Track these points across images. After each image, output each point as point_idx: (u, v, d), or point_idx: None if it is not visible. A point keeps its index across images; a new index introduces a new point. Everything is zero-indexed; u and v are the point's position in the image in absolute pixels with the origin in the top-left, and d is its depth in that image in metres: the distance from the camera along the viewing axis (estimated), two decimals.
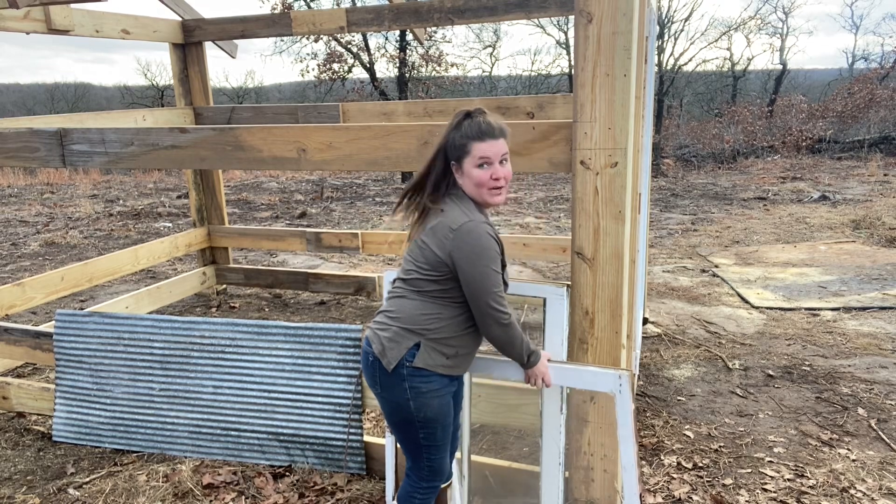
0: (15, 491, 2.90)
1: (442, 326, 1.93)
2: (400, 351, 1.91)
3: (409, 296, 1.96)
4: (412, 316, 1.93)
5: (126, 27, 4.69)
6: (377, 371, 1.95)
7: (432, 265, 1.91)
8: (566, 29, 22.49)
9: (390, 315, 1.97)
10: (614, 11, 1.99)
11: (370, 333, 2.00)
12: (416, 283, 1.94)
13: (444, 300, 1.93)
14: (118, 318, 3.17)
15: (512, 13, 4.28)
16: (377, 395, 2.01)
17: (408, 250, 2.04)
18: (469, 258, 1.85)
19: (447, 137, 1.95)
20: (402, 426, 1.99)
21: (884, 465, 2.91)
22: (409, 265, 1.99)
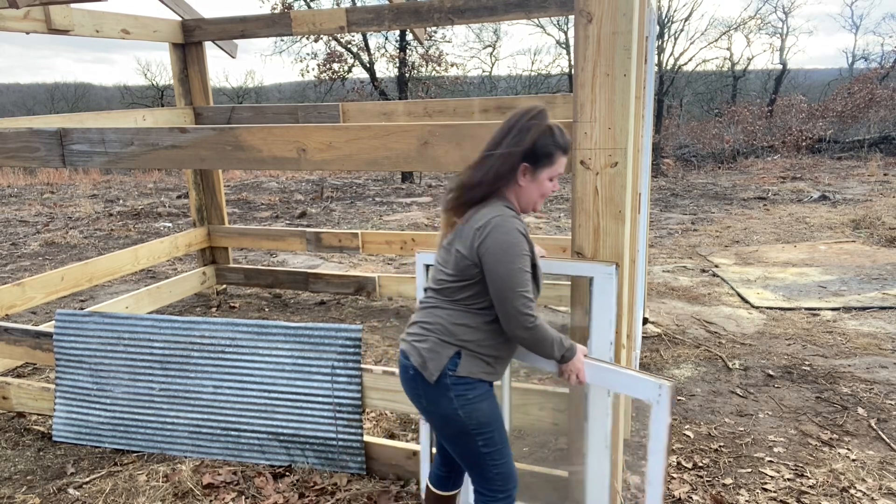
0: (15, 491, 2.90)
1: (479, 336, 1.86)
2: (441, 361, 1.83)
3: (441, 305, 1.89)
4: (447, 326, 1.86)
5: (126, 27, 4.69)
6: (419, 384, 1.88)
7: (461, 269, 1.83)
8: (566, 29, 22.50)
9: (425, 326, 1.90)
10: (614, 11, 1.99)
11: (406, 346, 1.92)
12: (447, 292, 1.88)
13: (476, 308, 1.86)
14: (118, 318, 3.17)
15: (512, 13, 4.28)
16: (423, 409, 1.94)
17: (436, 257, 1.97)
18: (496, 254, 1.76)
19: (535, 139, 1.81)
20: (458, 438, 1.89)
21: (884, 464, 2.91)
22: (438, 273, 1.92)
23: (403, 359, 1.93)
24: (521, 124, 1.82)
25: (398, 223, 9.03)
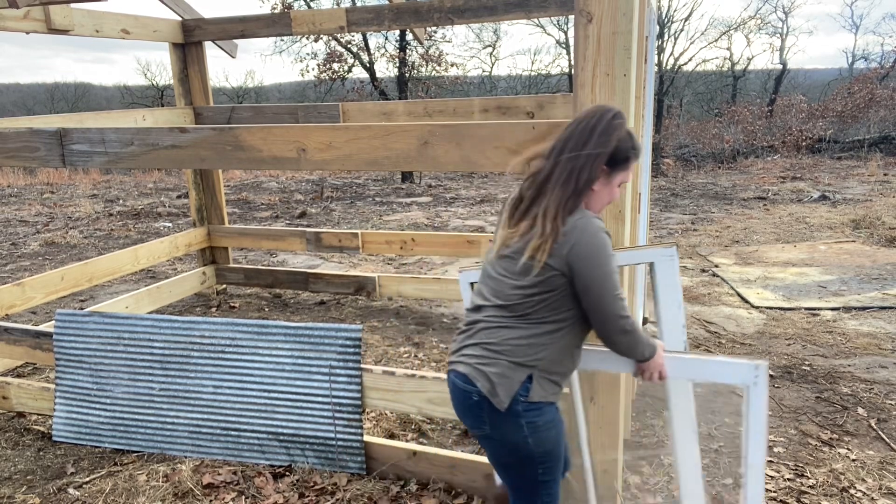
0: (15, 491, 2.90)
1: (553, 354, 1.75)
2: (513, 387, 1.71)
3: (511, 324, 1.74)
4: (519, 347, 1.73)
5: (126, 27, 4.69)
6: (485, 411, 1.74)
7: (542, 280, 1.69)
8: (566, 28, 22.50)
9: (491, 347, 1.75)
10: (614, 11, 1.99)
11: (469, 370, 1.77)
12: (520, 308, 1.73)
13: (554, 322, 1.74)
14: (118, 317, 3.17)
15: (512, 13, 4.28)
16: (482, 436, 1.81)
17: (494, 270, 1.81)
18: (589, 259, 1.66)
19: (618, 142, 1.73)
20: (518, 466, 1.80)
21: (884, 464, 2.91)
22: (504, 287, 1.75)
23: (463, 383, 1.78)
24: (603, 125, 1.72)
25: (398, 223, 9.03)
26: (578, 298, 1.71)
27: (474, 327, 1.82)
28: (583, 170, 1.70)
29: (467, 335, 1.84)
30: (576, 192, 1.70)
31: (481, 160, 2.32)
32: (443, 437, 3.28)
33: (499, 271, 1.79)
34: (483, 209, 9.91)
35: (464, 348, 1.82)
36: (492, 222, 8.86)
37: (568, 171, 1.70)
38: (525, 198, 1.77)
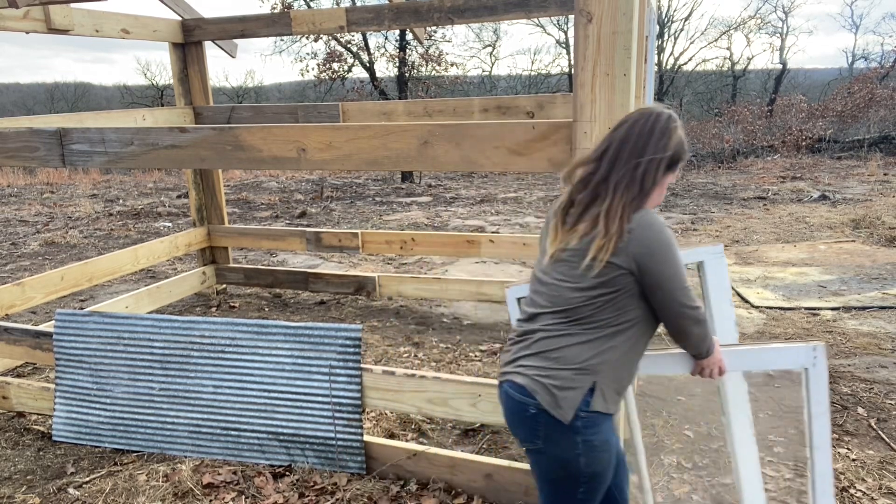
0: (15, 491, 2.90)
1: (617, 359, 1.69)
2: (577, 399, 1.64)
3: (572, 331, 1.68)
4: (581, 354, 1.67)
5: (126, 27, 4.69)
6: (541, 425, 1.67)
7: (607, 281, 1.64)
8: (566, 28, 22.51)
9: (552, 356, 1.68)
10: (614, 11, 1.99)
11: (527, 381, 1.69)
12: (581, 312, 1.67)
13: (618, 325, 1.69)
14: (118, 317, 3.17)
15: (512, 13, 4.28)
16: (534, 450, 1.74)
17: (549, 276, 1.75)
18: (657, 254, 1.63)
19: (676, 143, 1.71)
20: (562, 483, 1.74)
21: (884, 464, 2.91)
22: (563, 292, 1.70)
23: (520, 395, 1.70)
24: (661, 127, 1.70)
25: (398, 223, 9.03)
26: (644, 297, 1.69)
27: (530, 337, 1.76)
28: (647, 173, 1.68)
29: (523, 346, 1.77)
30: (641, 194, 1.68)
31: (481, 160, 2.32)
32: (443, 437, 3.28)
33: (555, 277, 1.73)
34: (483, 209, 9.91)
35: (519, 359, 1.75)
36: (492, 222, 8.86)
37: (630, 174, 1.67)
38: (577, 202, 1.73)
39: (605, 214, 1.65)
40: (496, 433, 3.28)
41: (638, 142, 1.69)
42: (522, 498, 2.64)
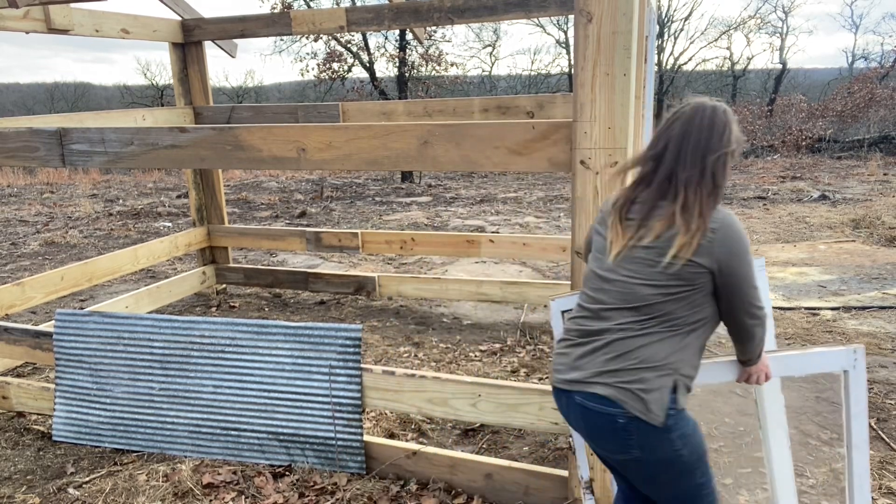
0: (15, 490, 2.90)
1: (690, 355, 1.68)
2: (664, 398, 1.61)
3: (648, 329, 1.65)
4: (660, 353, 1.64)
5: (126, 27, 4.69)
6: (634, 433, 1.62)
7: (686, 278, 1.62)
8: (566, 28, 22.51)
9: (632, 358, 1.64)
10: (614, 11, 1.99)
11: (610, 391, 1.63)
12: (658, 309, 1.65)
13: (692, 323, 1.67)
14: (118, 317, 3.17)
15: (512, 12, 4.28)
16: (628, 460, 1.68)
17: (617, 274, 1.71)
18: (738, 255, 1.62)
19: (738, 134, 1.70)
20: (675, 479, 1.70)
21: (884, 464, 2.91)
22: (637, 290, 1.66)
23: (603, 406, 1.64)
24: (721, 120, 1.69)
25: (398, 223, 9.03)
26: (716, 295, 1.68)
27: (600, 338, 1.70)
28: (716, 169, 1.66)
29: (590, 348, 1.71)
30: (715, 190, 1.66)
31: (481, 160, 2.32)
32: (443, 436, 3.28)
33: (624, 274, 1.69)
34: (483, 209, 9.91)
35: (590, 364, 1.69)
36: (492, 222, 8.86)
37: (699, 171, 1.65)
38: (639, 199, 1.71)
39: (682, 212, 1.63)
40: (496, 433, 3.28)
41: (700, 137, 1.67)
42: (522, 498, 2.64)
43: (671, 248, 1.62)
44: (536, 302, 5.04)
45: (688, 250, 1.60)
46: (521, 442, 3.20)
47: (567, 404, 1.75)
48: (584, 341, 1.73)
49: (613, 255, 1.71)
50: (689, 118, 1.69)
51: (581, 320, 1.78)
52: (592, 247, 1.86)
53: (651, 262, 1.65)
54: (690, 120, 1.69)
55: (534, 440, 3.21)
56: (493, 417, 2.67)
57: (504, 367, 4.06)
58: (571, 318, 1.85)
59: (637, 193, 1.73)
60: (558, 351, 1.82)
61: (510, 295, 5.01)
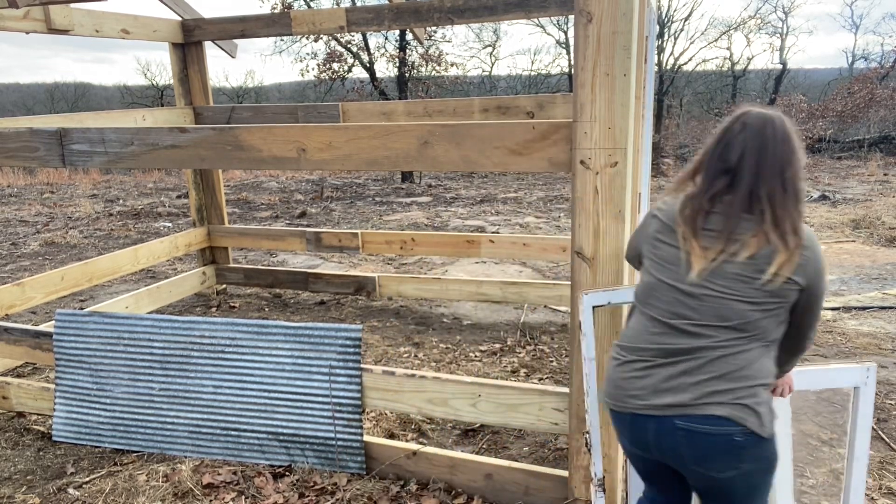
0: (15, 491, 2.90)
1: (773, 367, 1.70)
2: (770, 410, 1.64)
3: (748, 345, 1.63)
4: (765, 368, 1.64)
5: (126, 27, 4.69)
6: (748, 448, 1.61)
7: (781, 297, 1.62)
8: (566, 28, 22.50)
9: (741, 376, 1.61)
10: (614, 11, 1.99)
11: (727, 410, 1.59)
12: (755, 326, 1.63)
13: (777, 337, 1.69)
14: (118, 317, 3.17)
15: (512, 13, 4.28)
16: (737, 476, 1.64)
17: (706, 290, 1.65)
18: (822, 273, 1.66)
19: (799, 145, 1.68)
20: (768, 483, 1.71)
21: (884, 464, 2.91)
22: (733, 305, 1.62)
23: (722, 426, 1.60)
24: (790, 130, 1.67)
25: (398, 223, 9.03)
26: (793, 310, 1.69)
27: (693, 357, 1.65)
28: (796, 181, 1.65)
29: (681, 368, 1.66)
30: (798, 205, 1.65)
31: (481, 160, 2.32)
32: (443, 437, 3.28)
33: (719, 290, 1.64)
34: (483, 209, 9.91)
35: (690, 386, 1.63)
36: (492, 222, 8.86)
37: (780, 184, 1.63)
38: (718, 211, 1.67)
39: (775, 229, 1.61)
40: (496, 433, 3.28)
41: (776, 150, 1.64)
42: (522, 498, 2.64)
43: (771, 265, 1.60)
44: (536, 302, 5.04)
45: (789, 268, 1.60)
46: (521, 442, 3.20)
47: (657, 430, 1.67)
48: (671, 361, 1.67)
49: (699, 270, 1.65)
50: (760, 130, 1.66)
51: (659, 337, 1.70)
52: (654, 255, 1.78)
53: (747, 279, 1.62)
54: (762, 132, 1.66)
55: (534, 440, 3.21)
56: (493, 418, 2.67)
57: (504, 367, 4.06)
58: (640, 335, 1.75)
59: (713, 206, 1.69)
60: (629, 374, 1.73)
61: (510, 295, 5.01)
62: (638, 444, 1.76)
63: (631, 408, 1.71)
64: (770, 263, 1.60)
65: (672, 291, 1.70)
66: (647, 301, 1.76)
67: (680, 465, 1.69)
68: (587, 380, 2.20)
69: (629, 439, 1.78)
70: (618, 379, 1.77)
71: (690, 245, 1.67)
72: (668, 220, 1.76)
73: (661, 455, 1.71)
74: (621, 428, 1.79)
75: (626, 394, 1.72)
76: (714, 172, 1.70)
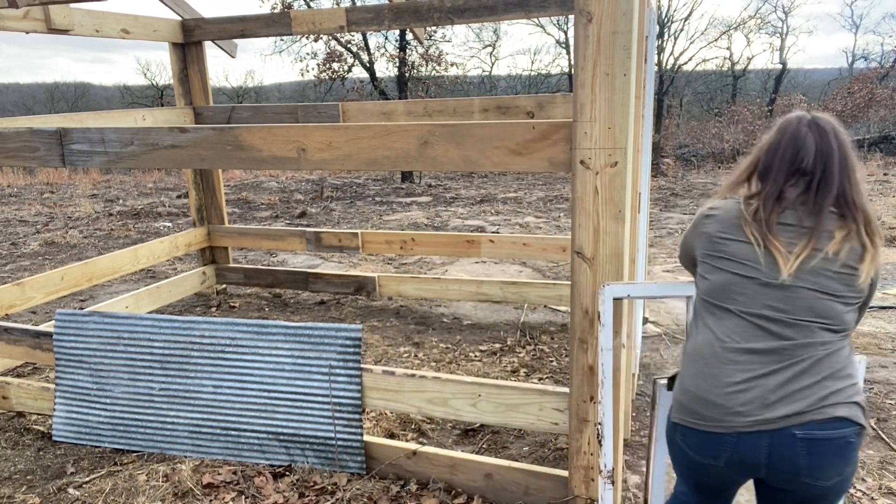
0: (15, 491, 2.90)
1: None
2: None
3: (841, 344, 1.62)
4: (852, 364, 1.64)
5: (126, 27, 4.69)
6: (855, 448, 1.60)
7: (862, 294, 1.65)
8: (566, 28, 22.51)
9: (845, 374, 1.61)
10: (614, 11, 1.99)
11: (847, 410, 1.57)
12: (848, 324, 1.63)
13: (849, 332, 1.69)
14: (118, 317, 3.17)
15: (512, 13, 4.28)
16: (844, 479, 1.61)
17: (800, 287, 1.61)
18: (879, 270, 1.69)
19: None
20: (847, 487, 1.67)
21: (884, 464, 2.91)
22: (830, 304, 1.61)
23: (841, 427, 1.57)
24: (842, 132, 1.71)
25: (398, 223, 9.03)
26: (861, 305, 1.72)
27: (800, 359, 1.59)
28: (859, 184, 1.69)
29: (792, 373, 1.59)
30: (865, 205, 1.68)
31: (481, 160, 2.32)
32: (443, 436, 3.28)
33: (811, 288, 1.61)
34: (483, 209, 9.91)
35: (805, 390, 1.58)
36: (492, 222, 8.86)
37: (855, 187, 1.67)
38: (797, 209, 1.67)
39: (865, 229, 1.64)
40: (496, 433, 3.28)
41: (842, 154, 1.68)
42: (522, 498, 2.64)
43: (862, 263, 1.61)
44: (536, 302, 5.04)
45: (875, 266, 1.63)
46: (521, 442, 3.20)
47: (771, 446, 1.58)
48: (781, 367, 1.60)
49: (789, 267, 1.62)
50: (834, 134, 1.69)
51: (752, 341, 1.63)
52: (724, 253, 1.70)
53: (838, 277, 1.62)
54: (836, 136, 1.69)
55: (534, 440, 3.21)
56: (493, 417, 2.67)
57: (504, 367, 4.06)
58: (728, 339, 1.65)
59: (786, 206, 1.69)
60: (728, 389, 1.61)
61: (510, 295, 5.01)
62: (742, 465, 1.63)
63: (737, 426, 1.59)
64: (861, 262, 1.62)
65: (757, 285, 1.65)
66: (730, 297, 1.67)
67: (790, 479, 1.61)
68: (603, 369, 2.19)
69: (729, 461, 1.63)
70: (709, 396, 1.63)
71: (771, 243, 1.64)
72: (731, 218, 1.73)
73: (772, 472, 1.61)
74: (716, 450, 1.64)
75: (728, 412, 1.60)
76: (786, 175, 1.70)
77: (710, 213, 1.79)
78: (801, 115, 1.74)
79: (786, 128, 1.73)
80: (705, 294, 1.73)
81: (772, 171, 1.72)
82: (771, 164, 1.72)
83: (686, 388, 1.69)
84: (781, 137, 1.72)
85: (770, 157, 1.73)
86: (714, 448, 1.64)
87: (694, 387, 1.67)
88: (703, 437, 1.65)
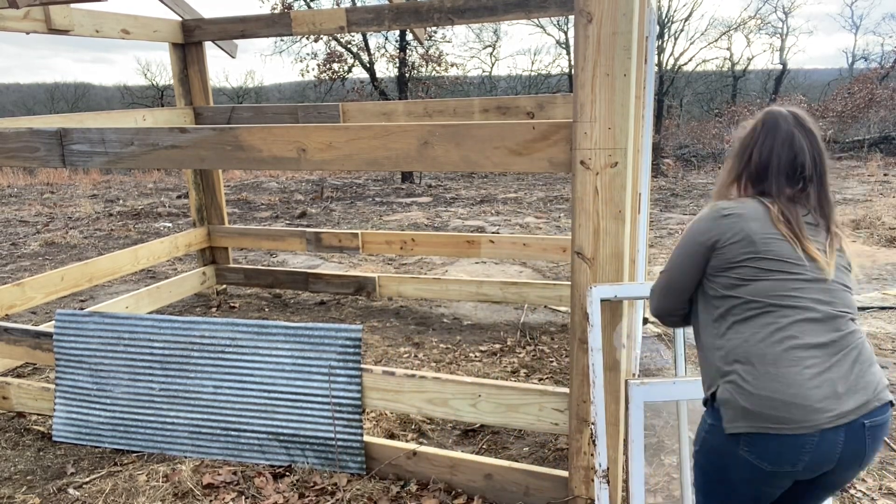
0: (15, 491, 2.90)
1: None
2: None
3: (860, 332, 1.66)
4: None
5: (126, 27, 4.69)
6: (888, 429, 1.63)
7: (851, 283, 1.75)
8: (566, 29, 22.51)
9: (874, 359, 1.64)
10: (614, 11, 1.99)
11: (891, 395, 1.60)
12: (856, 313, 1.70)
13: None
14: (118, 318, 3.17)
15: (512, 13, 4.28)
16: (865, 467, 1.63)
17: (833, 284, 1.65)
18: None
19: None
20: None
21: (884, 464, 2.91)
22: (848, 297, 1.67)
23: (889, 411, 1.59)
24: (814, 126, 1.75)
25: (398, 223, 9.03)
26: None
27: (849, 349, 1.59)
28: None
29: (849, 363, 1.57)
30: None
31: (481, 160, 2.32)
32: (443, 437, 3.28)
33: (839, 283, 1.66)
34: (483, 209, 9.90)
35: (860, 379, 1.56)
36: (492, 222, 8.85)
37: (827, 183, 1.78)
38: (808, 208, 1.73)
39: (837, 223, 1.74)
40: (496, 433, 3.28)
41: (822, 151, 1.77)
42: (522, 498, 2.64)
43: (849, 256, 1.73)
44: (536, 302, 5.04)
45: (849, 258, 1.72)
46: (521, 442, 3.20)
47: (846, 439, 1.53)
48: (839, 358, 1.57)
49: (830, 265, 1.64)
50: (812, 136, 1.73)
51: (819, 335, 1.58)
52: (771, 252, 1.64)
53: (846, 270, 1.71)
54: (815, 138, 1.74)
55: (534, 440, 3.21)
56: (493, 418, 2.67)
57: (504, 367, 4.06)
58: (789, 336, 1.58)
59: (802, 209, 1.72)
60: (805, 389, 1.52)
61: (510, 295, 5.01)
62: (815, 465, 1.54)
63: (820, 424, 1.51)
64: (847, 254, 1.72)
65: (804, 281, 1.62)
66: (784, 295, 1.61)
67: (847, 470, 1.58)
68: (593, 370, 2.20)
69: (808, 464, 1.54)
70: (785, 397, 1.53)
71: (806, 241, 1.66)
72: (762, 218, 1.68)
73: (839, 466, 1.56)
74: (797, 455, 1.53)
75: (811, 410, 1.51)
76: (786, 178, 1.71)
77: (729, 213, 1.69)
78: (782, 112, 1.74)
79: (774, 129, 1.71)
80: (752, 294, 1.62)
81: (769, 174, 1.72)
82: (767, 167, 1.72)
83: (751, 393, 1.55)
84: (773, 141, 1.71)
85: (765, 160, 1.72)
86: (795, 452, 1.52)
87: (764, 389, 1.55)
88: (785, 442, 1.52)
